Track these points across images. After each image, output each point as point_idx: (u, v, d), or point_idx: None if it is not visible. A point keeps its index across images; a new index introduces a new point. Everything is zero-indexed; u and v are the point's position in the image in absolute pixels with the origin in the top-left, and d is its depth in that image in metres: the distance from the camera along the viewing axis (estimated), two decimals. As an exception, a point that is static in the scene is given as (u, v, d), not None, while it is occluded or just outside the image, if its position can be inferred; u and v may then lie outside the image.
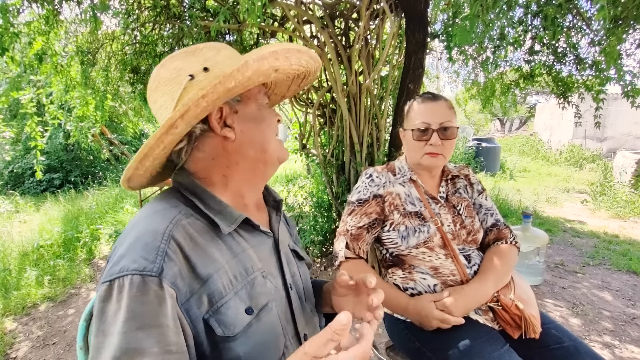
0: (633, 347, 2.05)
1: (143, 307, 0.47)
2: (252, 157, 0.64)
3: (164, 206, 0.59)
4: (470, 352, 0.91)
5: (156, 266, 0.49)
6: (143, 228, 0.54)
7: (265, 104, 0.67)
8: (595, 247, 3.64)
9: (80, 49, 3.14)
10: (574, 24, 2.61)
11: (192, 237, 0.55)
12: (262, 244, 0.66)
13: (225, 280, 0.55)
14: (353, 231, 1.11)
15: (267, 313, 0.59)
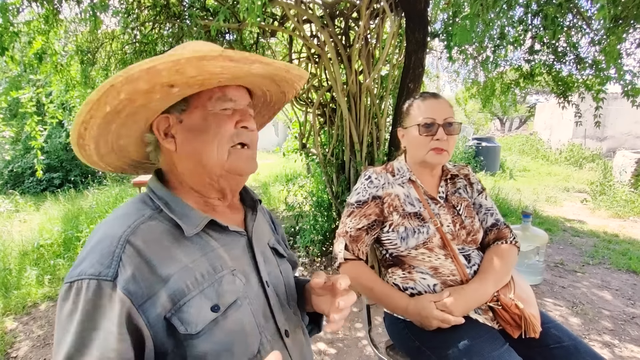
0: (633, 346, 2.05)
1: (96, 311, 0.50)
2: (192, 169, 0.64)
3: (128, 210, 0.61)
4: (470, 351, 0.92)
5: (111, 271, 0.51)
6: (103, 232, 0.56)
7: (219, 110, 0.63)
8: (595, 247, 3.65)
9: (80, 48, 3.13)
10: (574, 24, 2.61)
11: (153, 239, 0.57)
12: (234, 243, 0.66)
13: (189, 280, 0.56)
14: (352, 233, 1.12)
15: (236, 310, 0.60)
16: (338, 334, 2.19)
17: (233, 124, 0.64)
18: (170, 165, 0.66)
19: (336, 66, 2.64)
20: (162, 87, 0.54)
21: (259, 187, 7.05)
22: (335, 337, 2.15)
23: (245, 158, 0.66)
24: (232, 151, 0.64)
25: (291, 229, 3.68)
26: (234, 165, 0.64)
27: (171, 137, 0.63)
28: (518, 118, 21.29)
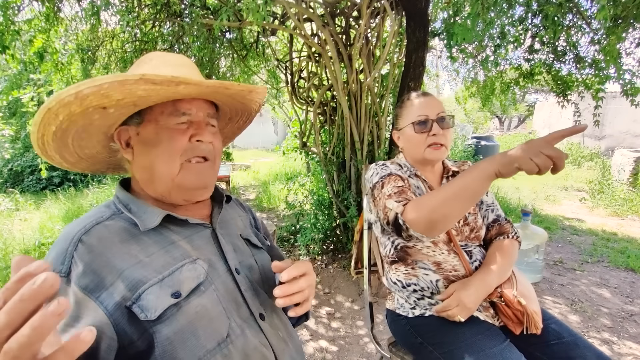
0: (631, 343, 2.07)
1: None
2: (146, 180, 0.67)
3: (89, 214, 0.65)
4: (471, 347, 0.93)
5: (64, 268, 0.55)
6: (62, 233, 0.61)
7: (173, 124, 0.64)
8: (594, 245, 3.67)
9: (81, 46, 3.13)
10: (574, 23, 2.62)
11: (107, 237, 0.60)
12: (196, 235, 0.69)
13: (146, 271, 0.59)
14: (395, 190, 1.02)
15: (199, 296, 0.62)
16: (340, 332, 2.20)
17: (187, 138, 0.65)
18: (132, 172, 0.70)
19: (337, 65, 2.65)
20: (95, 109, 0.57)
21: (259, 186, 7.06)
22: (336, 335, 2.17)
23: (195, 173, 0.67)
24: (185, 166, 0.66)
25: (292, 227, 3.69)
26: (184, 180, 0.66)
27: (131, 147, 0.67)
28: (517, 117, 21.32)
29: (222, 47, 3.63)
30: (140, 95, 0.57)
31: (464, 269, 1.07)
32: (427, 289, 1.08)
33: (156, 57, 0.70)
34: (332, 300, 2.57)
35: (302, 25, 2.66)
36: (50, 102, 0.53)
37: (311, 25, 2.97)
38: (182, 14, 3.13)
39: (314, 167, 3.81)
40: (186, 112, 0.65)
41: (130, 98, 0.57)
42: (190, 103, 0.66)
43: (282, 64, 3.57)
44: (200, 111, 0.67)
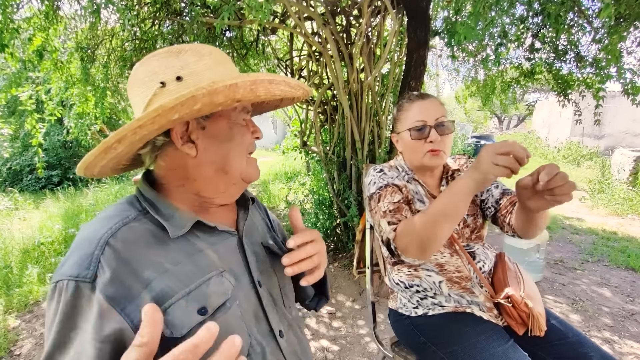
0: (632, 342, 2.07)
1: (75, 311, 0.51)
2: (210, 176, 0.64)
3: (113, 212, 0.60)
4: (475, 347, 0.93)
5: (90, 273, 0.51)
6: (85, 234, 0.56)
7: (241, 121, 0.65)
8: (594, 244, 3.67)
9: (80, 45, 3.12)
10: (575, 22, 2.62)
11: (135, 241, 0.56)
12: (223, 243, 0.65)
13: (172, 282, 0.56)
14: (390, 207, 1.02)
15: (224, 313, 0.59)
16: (341, 331, 2.20)
17: (250, 134, 0.67)
18: (167, 170, 0.64)
19: (337, 64, 2.64)
20: (232, 101, 0.56)
21: (259, 185, 7.05)
22: (338, 335, 2.17)
23: (255, 167, 0.69)
24: (248, 160, 0.68)
25: (292, 226, 3.69)
26: (249, 173, 0.67)
27: (191, 142, 0.62)
28: (516, 116, 21.33)
29: (222, 45, 3.61)
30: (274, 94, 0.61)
31: (467, 270, 1.07)
32: (430, 289, 1.07)
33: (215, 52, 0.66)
34: (333, 299, 2.57)
35: (302, 24, 2.65)
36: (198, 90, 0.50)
37: (312, 24, 2.96)
38: (182, 13, 3.12)
39: (314, 166, 3.81)
40: (249, 110, 0.69)
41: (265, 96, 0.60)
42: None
43: (282, 63, 3.56)
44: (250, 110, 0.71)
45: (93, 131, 4.94)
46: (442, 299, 1.05)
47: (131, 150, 0.58)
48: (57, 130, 7.09)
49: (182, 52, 0.61)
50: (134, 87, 0.63)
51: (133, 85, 0.63)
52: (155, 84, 0.59)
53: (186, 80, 0.59)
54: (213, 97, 0.53)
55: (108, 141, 0.53)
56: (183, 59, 0.61)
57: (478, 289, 1.06)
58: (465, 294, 1.05)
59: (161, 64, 0.61)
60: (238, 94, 0.55)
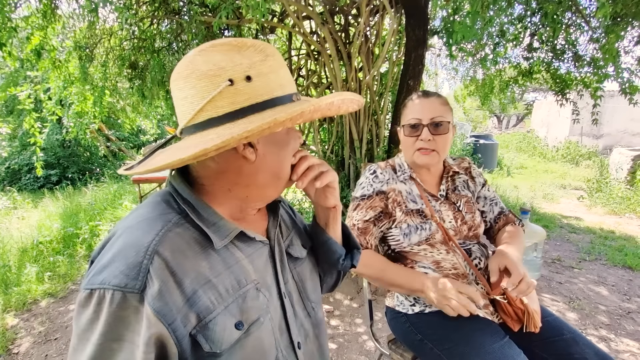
0: (628, 340, 2.08)
1: (120, 323, 0.48)
2: (264, 182, 0.62)
3: (153, 213, 0.57)
4: (471, 344, 0.93)
5: (138, 283, 0.48)
6: (127, 239, 0.52)
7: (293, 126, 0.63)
8: (592, 243, 3.69)
9: (78, 44, 3.11)
10: (573, 21, 2.62)
11: (180, 249, 0.54)
12: (258, 253, 0.64)
13: (214, 295, 0.54)
14: (360, 225, 1.12)
15: (258, 328, 0.58)
16: (339, 329, 2.21)
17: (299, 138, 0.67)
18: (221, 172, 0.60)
19: (336, 63, 2.64)
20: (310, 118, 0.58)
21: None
22: (336, 333, 2.17)
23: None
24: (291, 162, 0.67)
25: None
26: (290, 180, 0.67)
27: (251, 147, 0.59)
28: (515, 115, 21.35)
29: (221, 44, 3.61)
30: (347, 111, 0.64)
31: (463, 267, 1.07)
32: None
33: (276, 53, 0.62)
34: (331, 298, 2.58)
35: (301, 23, 2.66)
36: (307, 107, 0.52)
37: (310, 23, 2.96)
38: (180, 12, 3.11)
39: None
40: None
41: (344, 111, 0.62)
42: None
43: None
44: None
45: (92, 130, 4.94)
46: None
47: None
48: (55, 130, 7.08)
49: (245, 47, 0.57)
50: (190, 78, 0.55)
51: (190, 75, 0.56)
52: (222, 80, 0.54)
53: (254, 82, 0.55)
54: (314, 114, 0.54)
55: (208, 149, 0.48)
56: (247, 56, 0.56)
57: (474, 285, 1.07)
58: (461, 291, 1.06)
59: (227, 59, 0.55)
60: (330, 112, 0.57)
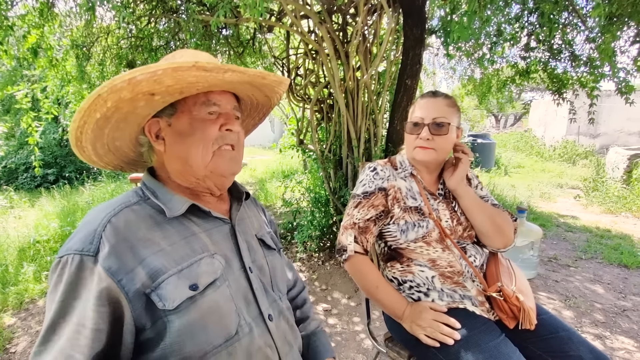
0: (623, 337, 2.10)
1: (78, 282, 0.56)
2: (179, 169, 0.70)
3: (118, 198, 0.67)
4: (467, 342, 0.94)
5: (92, 247, 0.57)
6: (90, 215, 0.63)
7: (205, 114, 0.68)
8: (588, 242, 3.71)
9: (75, 42, 3.10)
10: (570, 21, 2.64)
11: (133, 221, 0.62)
12: (216, 229, 0.71)
13: (166, 260, 0.61)
14: (361, 224, 1.11)
15: (214, 291, 0.63)
16: (336, 328, 2.22)
17: (217, 127, 0.68)
18: (160, 163, 0.72)
19: (334, 62, 2.64)
20: (144, 95, 0.60)
21: (256, 183, 7.05)
22: (333, 331, 2.18)
23: (227, 159, 0.70)
24: (217, 153, 0.69)
25: (289, 224, 3.70)
26: (216, 166, 0.69)
27: (161, 139, 0.69)
28: (513, 115, 21.42)
29: (219, 43, 3.60)
30: (190, 82, 0.61)
31: (459, 265, 1.08)
32: (423, 285, 1.09)
33: (187, 54, 0.72)
34: (329, 297, 2.58)
35: (299, 22, 2.66)
36: (101, 89, 0.56)
37: (308, 22, 2.96)
38: (178, 10, 3.11)
39: (311, 164, 3.81)
40: (217, 103, 0.69)
41: (180, 85, 0.60)
42: (220, 95, 0.70)
43: (278, 61, 3.56)
44: (229, 104, 0.71)
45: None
46: (435, 296, 1.06)
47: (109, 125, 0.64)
48: (53, 129, 7.05)
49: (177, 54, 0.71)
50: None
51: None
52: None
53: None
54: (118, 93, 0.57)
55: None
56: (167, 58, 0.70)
57: (470, 283, 1.08)
58: (457, 288, 1.07)
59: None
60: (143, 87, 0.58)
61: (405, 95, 2.62)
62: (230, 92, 0.73)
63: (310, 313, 0.96)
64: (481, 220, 1.12)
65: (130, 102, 0.60)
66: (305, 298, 0.98)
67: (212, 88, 0.67)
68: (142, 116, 0.66)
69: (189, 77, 0.60)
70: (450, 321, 0.98)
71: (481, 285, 1.08)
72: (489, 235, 1.12)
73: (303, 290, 1.00)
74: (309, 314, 0.95)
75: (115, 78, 0.55)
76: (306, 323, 0.92)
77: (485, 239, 1.14)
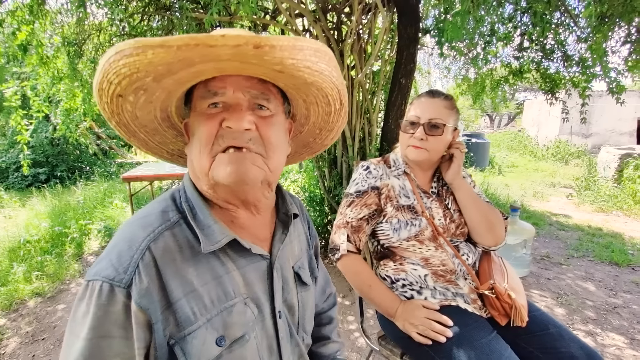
0: (614, 334, 2.13)
1: (107, 317, 0.47)
2: (195, 177, 0.59)
3: (155, 210, 0.56)
4: (460, 339, 0.94)
5: (125, 277, 0.48)
6: (125, 233, 0.53)
7: (205, 109, 0.54)
8: (580, 240, 3.75)
9: (67, 39, 3.06)
10: (562, 21, 2.66)
11: (171, 252, 0.52)
12: (252, 265, 0.59)
13: (197, 306, 0.52)
14: (354, 223, 1.11)
15: (242, 346, 0.55)
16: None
17: (216, 123, 0.53)
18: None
19: (328, 61, 2.63)
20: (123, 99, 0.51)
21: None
22: (327, 330, 2.18)
23: (226, 162, 0.53)
24: (218, 157, 0.54)
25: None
26: (215, 174, 0.54)
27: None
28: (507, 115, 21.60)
29: (213, 42, 3.58)
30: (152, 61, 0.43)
31: (452, 263, 1.08)
32: (416, 283, 1.09)
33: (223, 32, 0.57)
34: (324, 296, 2.58)
35: (293, 21, 2.65)
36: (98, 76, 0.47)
37: (303, 21, 2.95)
38: (171, 8, 3.08)
39: (306, 163, 3.81)
40: (218, 92, 0.53)
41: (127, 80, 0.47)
42: (223, 81, 0.53)
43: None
44: (239, 90, 0.53)
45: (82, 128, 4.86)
46: (428, 294, 1.07)
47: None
48: (44, 127, 6.95)
49: None
50: None
51: None
52: None
53: None
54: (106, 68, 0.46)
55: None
56: None
57: (462, 280, 1.08)
58: (450, 286, 1.07)
59: None
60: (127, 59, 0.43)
61: (400, 94, 2.62)
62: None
63: (332, 334, 0.88)
64: (475, 215, 1.12)
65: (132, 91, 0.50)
66: (331, 317, 0.90)
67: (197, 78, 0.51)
68: (161, 110, 0.57)
69: (195, 57, 0.43)
70: (443, 319, 0.98)
71: (473, 283, 1.08)
72: (481, 232, 1.12)
73: (332, 307, 0.92)
74: (330, 335, 0.87)
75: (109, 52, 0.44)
76: (323, 343, 0.84)
77: (476, 236, 1.14)
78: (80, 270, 3.08)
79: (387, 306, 1.07)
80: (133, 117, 0.56)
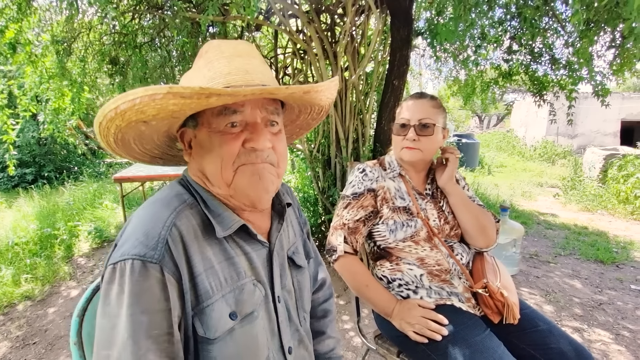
0: (600, 330, 2.19)
1: (144, 293, 0.49)
2: (201, 181, 0.63)
3: (168, 194, 0.60)
4: (454, 337, 0.97)
5: (157, 254, 0.50)
6: (146, 214, 0.55)
7: (224, 127, 0.57)
8: (566, 239, 3.85)
9: (56, 38, 3.00)
10: (550, 26, 2.73)
11: (194, 227, 0.56)
12: (255, 253, 0.63)
13: (214, 281, 0.55)
14: (350, 224, 1.13)
15: (251, 322, 0.58)
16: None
17: (239, 143, 0.57)
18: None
19: (322, 62, 2.65)
20: (137, 122, 0.52)
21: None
22: (322, 330, 2.20)
23: (251, 177, 0.58)
24: (240, 170, 0.58)
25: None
26: (239, 186, 0.59)
27: (190, 148, 0.63)
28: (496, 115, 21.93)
29: (206, 41, 3.55)
30: (173, 110, 0.50)
31: (447, 263, 1.11)
32: (412, 283, 1.11)
33: (211, 49, 0.61)
34: (318, 295, 2.59)
35: (287, 22, 2.65)
36: (98, 118, 0.51)
37: (296, 22, 2.96)
38: (163, 7, 3.05)
39: (299, 164, 3.82)
40: (237, 110, 0.56)
41: (165, 113, 0.51)
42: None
43: (266, 60, 3.53)
44: (257, 108, 0.58)
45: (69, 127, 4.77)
46: (424, 293, 1.09)
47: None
48: (31, 127, 6.79)
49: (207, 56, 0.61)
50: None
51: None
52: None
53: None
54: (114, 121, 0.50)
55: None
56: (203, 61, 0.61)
57: (457, 280, 1.11)
58: (445, 285, 1.10)
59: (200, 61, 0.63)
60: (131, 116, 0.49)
61: (393, 95, 2.65)
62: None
63: (328, 329, 0.88)
64: (467, 219, 1.15)
65: (129, 128, 0.53)
66: (326, 310, 0.91)
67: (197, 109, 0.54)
68: (160, 132, 0.60)
69: (169, 106, 0.48)
70: (438, 318, 1.00)
71: (467, 282, 1.11)
72: (473, 235, 1.16)
73: (328, 299, 0.93)
74: (325, 330, 0.88)
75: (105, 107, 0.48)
76: (320, 339, 0.86)
77: (469, 238, 1.17)
78: (71, 273, 3.03)
79: (384, 306, 1.09)
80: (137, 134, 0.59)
